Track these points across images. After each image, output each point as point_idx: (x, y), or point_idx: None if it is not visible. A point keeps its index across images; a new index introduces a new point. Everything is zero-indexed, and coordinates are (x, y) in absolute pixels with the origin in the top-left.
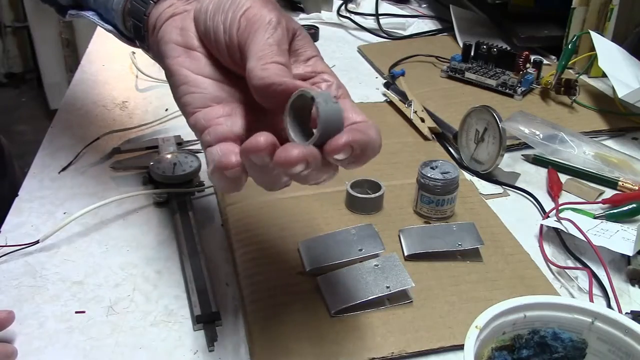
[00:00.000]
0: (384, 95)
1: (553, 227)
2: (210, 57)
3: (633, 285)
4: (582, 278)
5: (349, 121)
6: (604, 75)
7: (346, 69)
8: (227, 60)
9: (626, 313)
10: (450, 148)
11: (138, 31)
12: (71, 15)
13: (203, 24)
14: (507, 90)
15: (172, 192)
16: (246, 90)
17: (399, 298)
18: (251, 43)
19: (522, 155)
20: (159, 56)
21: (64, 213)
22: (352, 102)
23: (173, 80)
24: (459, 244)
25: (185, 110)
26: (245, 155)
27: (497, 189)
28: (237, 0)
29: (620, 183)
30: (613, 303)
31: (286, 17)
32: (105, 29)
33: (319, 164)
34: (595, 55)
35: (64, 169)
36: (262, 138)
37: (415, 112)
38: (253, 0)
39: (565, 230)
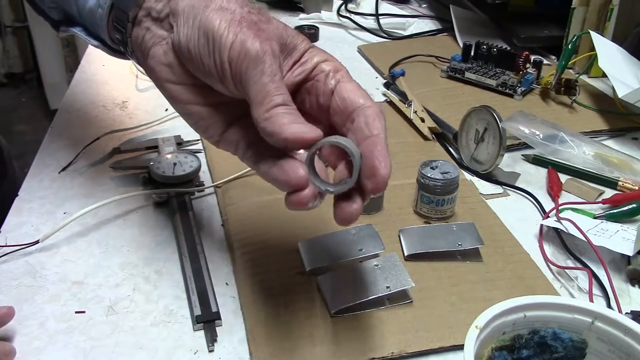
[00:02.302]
0: (384, 95)
1: (553, 227)
2: (200, 85)
3: (633, 285)
4: (582, 278)
5: (352, 108)
6: (604, 75)
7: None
8: (222, 90)
9: (626, 313)
10: (450, 148)
11: (126, 49)
12: (63, 31)
13: (190, 64)
14: (507, 90)
15: (172, 192)
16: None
17: (399, 298)
18: (246, 84)
19: (522, 155)
20: (156, 82)
21: (64, 213)
22: (351, 84)
23: (187, 118)
24: (459, 244)
25: (211, 139)
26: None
27: (497, 189)
28: (217, 36)
29: (620, 183)
30: (613, 303)
31: (266, 31)
32: (92, 44)
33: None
34: (595, 55)
35: (63, 169)
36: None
37: (415, 112)
38: (232, 32)
39: (565, 230)
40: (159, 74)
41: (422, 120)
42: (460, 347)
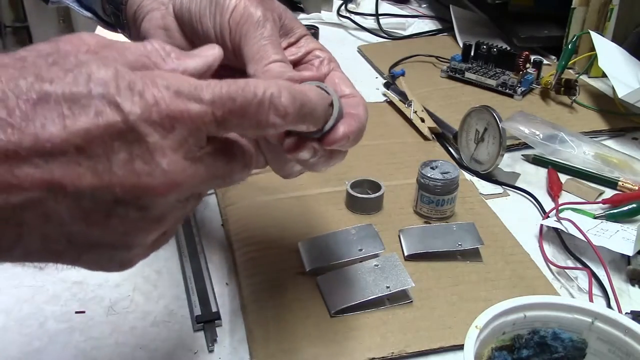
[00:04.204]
0: (384, 95)
1: (553, 227)
2: None
3: (633, 285)
4: (582, 278)
5: (340, 94)
6: (604, 75)
7: (346, 69)
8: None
9: (626, 313)
10: (450, 148)
11: (118, 19)
12: (52, 2)
13: (189, 26)
14: (507, 90)
15: None
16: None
17: (399, 298)
18: (245, 45)
19: (522, 155)
20: None
21: None
22: (342, 74)
23: None
24: (459, 244)
25: None
26: None
27: (497, 189)
28: (221, 0)
29: (620, 183)
30: (613, 303)
31: (269, 3)
32: (84, 15)
33: (325, 152)
34: (595, 55)
35: None
36: None
37: (415, 112)
38: None
39: (565, 230)
40: (153, 37)
41: (422, 120)
42: (460, 347)
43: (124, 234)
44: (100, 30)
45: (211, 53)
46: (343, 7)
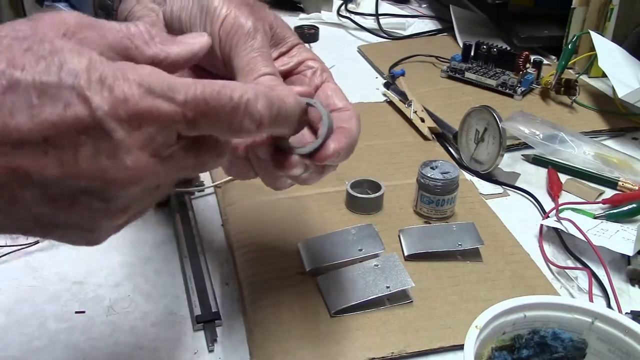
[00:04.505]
0: (384, 95)
1: (553, 227)
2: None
3: (633, 285)
4: (582, 278)
5: (332, 107)
6: (604, 75)
7: (346, 69)
8: (207, 65)
9: (626, 313)
10: (450, 148)
11: None
12: (47, 5)
13: (179, 34)
14: (507, 90)
15: (172, 192)
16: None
17: (399, 298)
18: (235, 57)
19: (522, 155)
20: None
21: None
22: (335, 86)
23: None
24: (459, 244)
25: None
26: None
27: (497, 189)
28: (212, 8)
29: (620, 183)
30: (613, 303)
31: (260, 13)
32: None
33: (317, 167)
34: (595, 55)
35: None
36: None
37: (415, 112)
38: (227, 6)
39: (565, 230)
40: None
41: (422, 120)
42: (460, 347)
43: (89, 219)
44: None
45: (198, 41)
46: (343, 7)
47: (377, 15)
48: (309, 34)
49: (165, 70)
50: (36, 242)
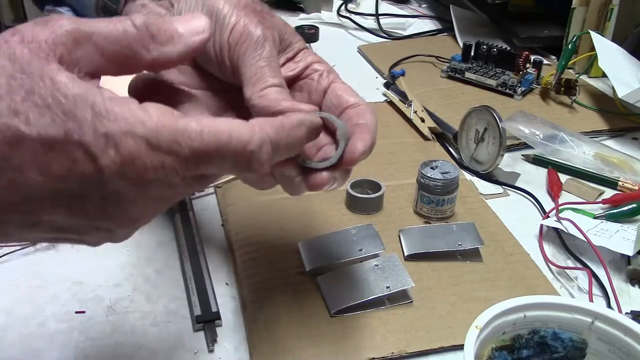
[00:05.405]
0: (384, 95)
1: (553, 227)
2: (195, 66)
3: (633, 285)
4: (582, 278)
5: (345, 104)
6: (604, 75)
7: (346, 69)
8: (217, 73)
9: (626, 313)
10: (450, 148)
11: None
12: (48, 10)
13: None
14: (507, 90)
15: None
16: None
17: (399, 298)
18: (243, 65)
19: (522, 155)
20: None
21: None
22: (343, 84)
23: None
24: (459, 244)
25: None
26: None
27: (497, 189)
28: (221, 16)
29: (620, 183)
30: (613, 303)
31: (269, 20)
32: None
33: (342, 176)
34: (595, 55)
35: None
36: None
37: (415, 112)
38: (236, 14)
39: (565, 230)
40: None
41: (422, 120)
42: (460, 347)
43: (97, 239)
44: None
45: (198, 38)
46: (343, 7)
47: (377, 15)
48: (309, 34)
49: (166, 67)
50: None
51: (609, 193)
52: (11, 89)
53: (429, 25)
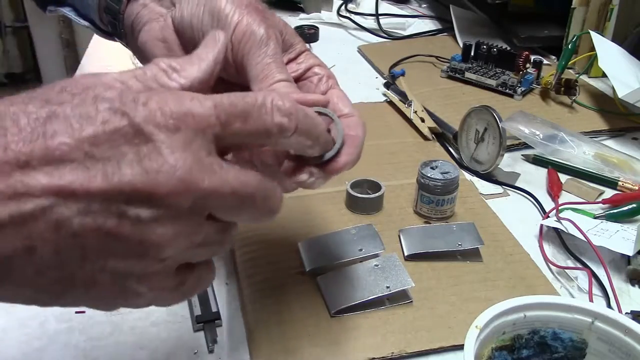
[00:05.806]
0: (384, 95)
1: (553, 227)
2: None
3: (633, 285)
4: (582, 278)
5: (339, 113)
6: (604, 75)
7: (346, 69)
8: (221, 73)
9: (626, 313)
10: (450, 148)
11: (115, 28)
12: (50, 11)
13: (190, 40)
14: (507, 90)
15: None
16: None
17: (399, 298)
18: (248, 64)
19: (522, 155)
20: (145, 61)
21: None
22: (341, 92)
23: None
24: (459, 244)
25: None
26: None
27: (497, 189)
28: (223, 15)
29: (620, 183)
30: (613, 303)
31: (270, 19)
32: (81, 24)
33: (324, 175)
34: (595, 55)
35: None
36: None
37: (415, 112)
38: (238, 12)
39: (565, 230)
40: (152, 49)
41: (422, 120)
42: (460, 347)
43: (139, 244)
44: (98, 39)
45: (212, 54)
46: (343, 7)
47: (377, 15)
48: (309, 34)
49: (195, 92)
50: None
51: (609, 193)
52: (45, 92)
53: (429, 25)
